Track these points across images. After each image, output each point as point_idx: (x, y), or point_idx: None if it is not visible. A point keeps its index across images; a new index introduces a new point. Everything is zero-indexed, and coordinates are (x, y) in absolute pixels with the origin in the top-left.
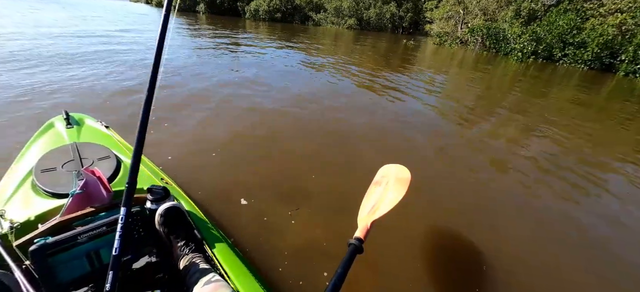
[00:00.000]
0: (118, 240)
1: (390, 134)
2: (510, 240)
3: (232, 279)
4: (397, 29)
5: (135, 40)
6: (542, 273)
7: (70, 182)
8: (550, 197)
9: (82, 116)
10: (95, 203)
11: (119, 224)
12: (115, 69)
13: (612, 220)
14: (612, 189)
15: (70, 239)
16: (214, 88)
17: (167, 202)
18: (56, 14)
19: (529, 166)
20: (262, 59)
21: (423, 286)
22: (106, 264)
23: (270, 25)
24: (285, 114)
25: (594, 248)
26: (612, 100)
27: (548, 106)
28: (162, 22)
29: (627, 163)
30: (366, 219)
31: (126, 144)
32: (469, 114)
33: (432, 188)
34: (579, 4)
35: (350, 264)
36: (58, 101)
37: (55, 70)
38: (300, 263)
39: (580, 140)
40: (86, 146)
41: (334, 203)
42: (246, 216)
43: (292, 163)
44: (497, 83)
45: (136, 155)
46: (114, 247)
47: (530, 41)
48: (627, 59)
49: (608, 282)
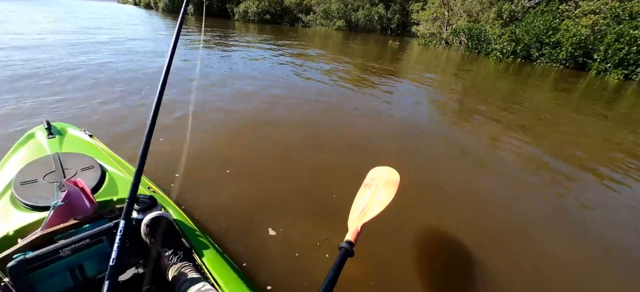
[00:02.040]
0: (116, 251)
1: (391, 138)
2: (500, 236)
3: (222, 288)
4: (385, 30)
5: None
6: (529, 265)
7: (52, 194)
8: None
9: (65, 125)
10: (79, 215)
11: (118, 236)
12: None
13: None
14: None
15: (52, 253)
16: (214, 95)
17: (153, 212)
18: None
19: (515, 163)
20: (260, 61)
21: (414, 285)
22: (90, 277)
23: (260, 27)
24: (298, 121)
25: (573, 229)
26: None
27: (531, 105)
28: (173, 44)
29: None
30: (356, 222)
31: (111, 153)
32: (453, 114)
33: (421, 189)
34: (555, 5)
35: (341, 267)
36: (40, 110)
37: (38, 79)
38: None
39: (556, 136)
40: (69, 156)
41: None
42: (275, 249)
43: (310, 178)
44: (480, 82)
45: (139, 168)
46: (111, 258)
47: (510, 41)
48: (599, 58)
49: (597, 271)
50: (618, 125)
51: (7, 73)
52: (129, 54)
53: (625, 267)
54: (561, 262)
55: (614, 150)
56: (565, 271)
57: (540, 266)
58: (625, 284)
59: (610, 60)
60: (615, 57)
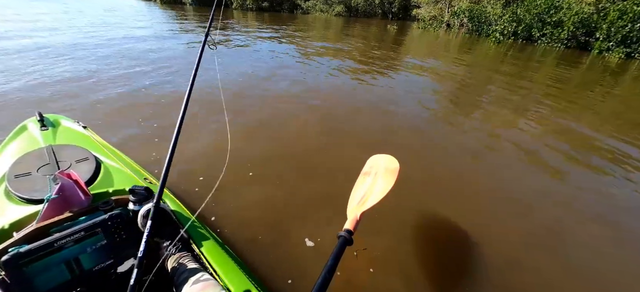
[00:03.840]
0: (144, 244)
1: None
2: (499, 223)
3: (222, 277)
4: (386, 14)
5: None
6: (528, 254)
7: (46, 187)
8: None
9: (58, 117)
10: (74, 207)
11: (147, 228)
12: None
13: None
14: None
15: (47, 246)
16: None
17: (150, 203)
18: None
19: (514, 149)
20: (272, 52)
21: (413, 271)
22: (87, 270)
23: (259, 15)
24: (320, 117)
25: (573, 217)
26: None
27: (531, 90)
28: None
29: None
30: (356, 210)
31: (106, 145)
32: (454, 100)
33: (421, 177)
34: None
35: (340, 256)
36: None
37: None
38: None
39: (557, 123)
40: (63, 148)
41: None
42: (312, 261)
43: (337, 177)
44: (479, 69)
45: (165, 172)
46: (140, 250)
47: (510, 22)
48: (601, 36)
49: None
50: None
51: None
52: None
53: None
54: (562, 238)
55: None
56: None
57: (546, 248)
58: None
59: (612, 39)
60: (618, 34)
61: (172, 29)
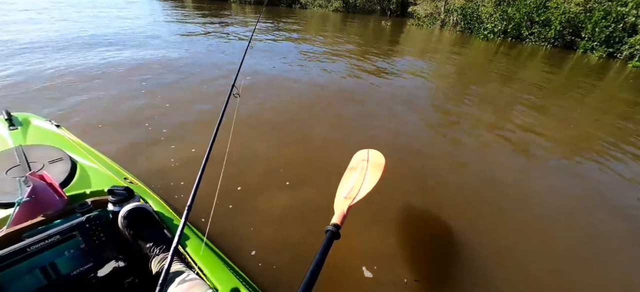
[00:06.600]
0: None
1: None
2: (485, 215)
3: (208, 277)
4: (385, 11)
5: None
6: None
7: (17, 190)
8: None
9: (27, 115)
10: (48, 211)
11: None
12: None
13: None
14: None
15: (19, 252)
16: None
17: (131, 203)
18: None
19: (503, 143)
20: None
21: (402, 262)
22: (65, 275)
23: (256, 8)
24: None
25: (550, 207)
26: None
27: (519, 88)
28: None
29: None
30: (343, 205)
31: (82, 144)
32: (442, 97)
33: (407, 171)
34: None
35: (327, 250)
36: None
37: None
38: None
39: (541, 119)
40: (34, 149)
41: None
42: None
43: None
44: (470, 64)
45: (198, 182)
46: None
47: (501, 20)
48: (586, 36)
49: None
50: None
51: None
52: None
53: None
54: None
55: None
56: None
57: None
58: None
59: (596, 38)
60: (601, 34)
61: (166, 20)
